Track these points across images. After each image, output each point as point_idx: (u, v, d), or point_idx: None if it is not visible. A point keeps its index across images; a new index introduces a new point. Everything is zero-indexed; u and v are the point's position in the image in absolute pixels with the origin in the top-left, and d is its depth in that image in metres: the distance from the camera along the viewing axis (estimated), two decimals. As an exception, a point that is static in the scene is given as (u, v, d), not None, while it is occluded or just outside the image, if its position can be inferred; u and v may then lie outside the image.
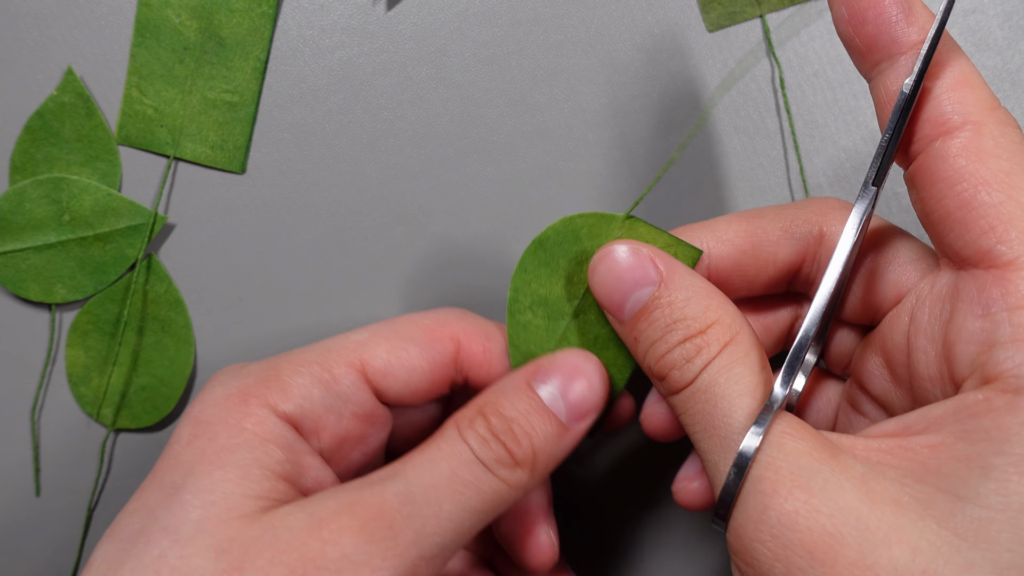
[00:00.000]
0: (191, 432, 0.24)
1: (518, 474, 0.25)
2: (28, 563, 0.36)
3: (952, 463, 0.21)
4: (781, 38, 0.35)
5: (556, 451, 0.26)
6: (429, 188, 0.36)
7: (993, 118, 0.22)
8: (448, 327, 0.28)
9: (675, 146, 0.35)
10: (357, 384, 0.26)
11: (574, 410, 0.26)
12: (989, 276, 0.22)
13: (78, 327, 0.36)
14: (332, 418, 0.26)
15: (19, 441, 0.36)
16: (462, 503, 0.23)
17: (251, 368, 0.26)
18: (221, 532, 0.22)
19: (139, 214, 0.35)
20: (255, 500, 0.23)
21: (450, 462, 0.24)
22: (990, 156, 0.22)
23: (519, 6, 0.36)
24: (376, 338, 0.27)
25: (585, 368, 0.26)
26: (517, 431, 0.25)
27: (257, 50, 0.35)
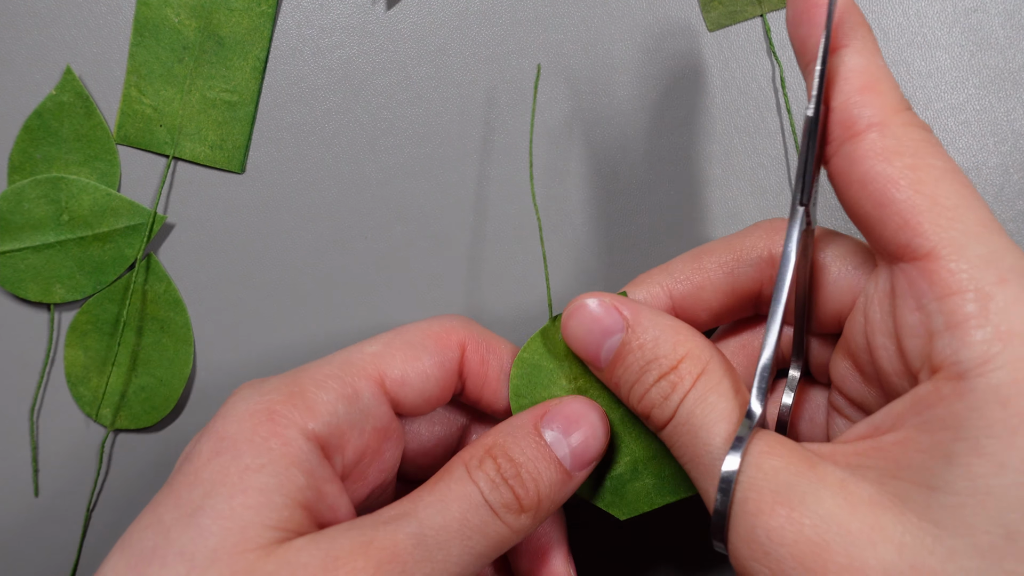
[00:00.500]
0: (213, 448, 0.24)
1: (522, 519, 0.25)
2: (27, 563, 0.36)
3: (919, 456, 0.21)
4: (781, 37, 0.35)
5: (558, 497, 0.26)
6: (429, 188, 0.36)
7: (897, 120, 0.23)
8: (455, 334, 0.28)
9: (675, 146, 0.35)
10: (377, 396, 0.26)
11: (578, 458, 0.26)
12: (914, 269, 0.22)
13: (77, 327, 0.36)
14: (355, 434, 0.26)
15: (18, 441, 0.36)
16: (469, 547, 0.24)
17: (273, 383, 0.26)
18: (236, 563, 0.22)
19: (138, 214, 0.35)
20: (272, 531, 0.22)
21: (460, 505, 0.24)
22: (895, 155, 0.23)
23: (519, 6, 0.35)
24: (390, 349, 0.27)
25: (590, 416, 0.27)
26: (525, 476, 0.25)
27: (256, 49, 0.35)
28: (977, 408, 0.20)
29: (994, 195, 0.35)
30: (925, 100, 0.35)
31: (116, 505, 0.36)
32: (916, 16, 0.35)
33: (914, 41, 0.35)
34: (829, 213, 0.35)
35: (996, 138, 0.35)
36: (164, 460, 0.36)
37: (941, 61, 0.35)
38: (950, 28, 0.35)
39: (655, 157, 0.35)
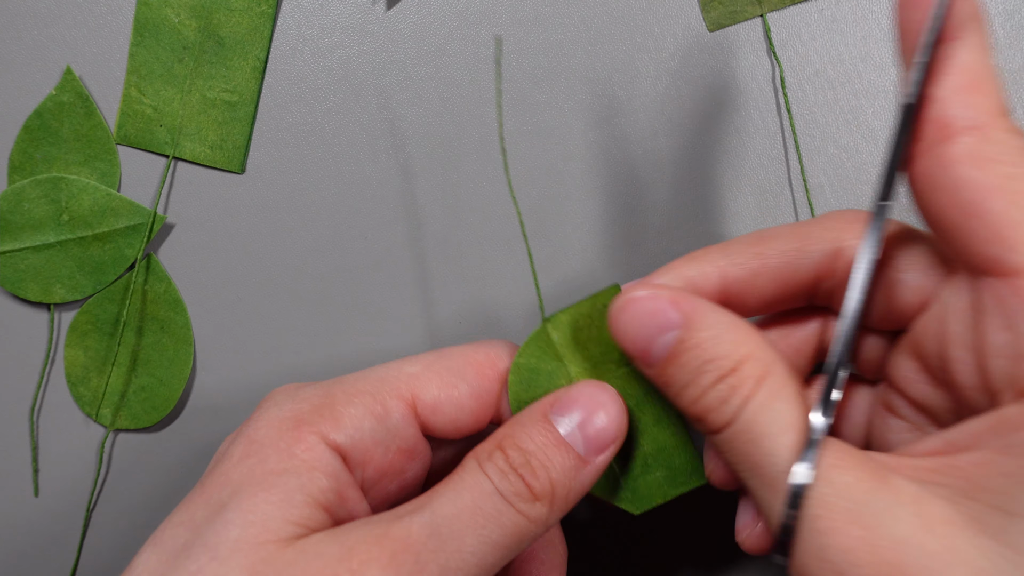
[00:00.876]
0: (243, 451, 0.24)
1: (537, 508, 0.25)
2: (27, 563, 0.36)
3: (999, 479, 0.20)
4: (781, 37, 0.35)
5: (575, 484, 0.26)
6: (429, 188, 0.36)
7: (999, 125, 0.22)
8: (498, 364, 0.28)
9: (675, 146, 0.35)
10: (406, 418, 0.26)
11: (592, 442, 0.26)
12: (1005, 286, 0.21)
13: (77, 327, 0.36)
14: (380, 451, 0.26)
15: (18, 441, 0.36)
16: (484, 537, 0.24)
17: (306, 392, 0.26)
18: (256, 554, 0.22)
19: (138, 214, 0.35)
20: (292, 526, 0.23)
21: (472, 494, 0.24)
22: (993, 162, 0.21)
23: (519, 6, 0.35)
24: (428, 372, 0.27)
25: (602, 399, 0.26)
26: (535, 464, 0.25)
27: (256, 49, 0.35)
28: None
29: (993, 195, 0.35)
30: (925, 100, 0.35)
31: (116, 505, 0.36)
32: (916, 16, 0.35)
33: (914, 41, 0.35)
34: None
35: (995, 138, 0.35)
36: (164, 460, 0.36)
37: (941, 61, 0.35)
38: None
39: (655, 157, 0.35)
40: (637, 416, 0.28)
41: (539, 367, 0.28)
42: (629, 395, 0.28)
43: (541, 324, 0.28)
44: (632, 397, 0.28)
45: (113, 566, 0.36)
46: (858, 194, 0.35)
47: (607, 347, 0.28)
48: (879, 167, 0.35)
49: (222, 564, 0.22)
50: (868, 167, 0.35)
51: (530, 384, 0.28)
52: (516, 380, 0.28)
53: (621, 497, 0.28)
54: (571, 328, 0.28)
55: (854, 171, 0.35)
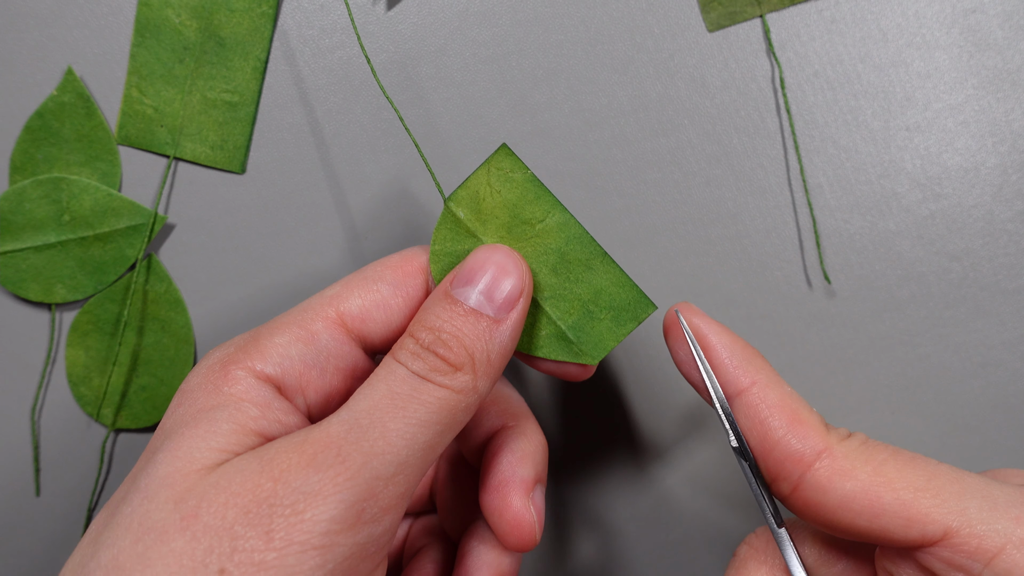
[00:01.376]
0: (176, 402, 0.25)
1: (460, 377, 0.25)
2: (28, 563, 0.36)
3: None
4: (781, 38, 0.35)
5: (493, 345, 0.26)
6: (430, 188, 0.36)
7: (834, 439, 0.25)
8: (415, 260, 0.28)
9: (675, 146, 0.35)
10: (337, 337, 0.27)
11: (494, 300, 0.26)
12: (943, 550, 0.24)
13: (78, 327, 0.36)
14: (315, 374, 0.26)
15: (19, 441, 0.36)
16: (408, 418, 0.24)
17: (235, 339, 0.27)
18: (180, 484, 0.23)
19: (139, 214, 0.35)
20: (217, 452, 0.23)
21: (386, 383, 0.24)
22: (855, 470, 0.25)
23: (519, 6, 0.35)
24: (348, 288, 0.27)
25: (493, 258, 0.27)
26: (446, 337, 0.25)
27: (257, 50, 0.35)
28: None
29: (992, 195, 0.35)
30: (924, 101, 0.35)
31: (117, 504, 0.36)
32: (915, 17, 0.35)
33: (913, 42, 0.35)
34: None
35: (995, 138, 0.35)
36: (165, 460, 0.36)
37: (940, 62, 0.35)
38: (949, 29, 0.35)
39: (655, 157, 0.35)
40: (565, 267, 0.28)
41: (455, 248, 0.28)
42: (551, 249, 0.28)
43: (445, 206, 0.28)
44: (554, 251, 0.28)
45: (114, 565, 0.36)
46: (858, 194, 0.35)
47: (514, 208, 0.28)
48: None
49: (151, 501, 0.22)
50: (867, 167, 0.35)
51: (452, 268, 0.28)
52: (438, 269, 0.28)
53: (575, 352, 0.28)
54: (473, 200, 0.28)
55: (853, 171, 0.35)
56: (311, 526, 0.22)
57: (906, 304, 0.35)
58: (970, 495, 0.24)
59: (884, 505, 0.24)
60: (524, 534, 0.28)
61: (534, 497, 0.28)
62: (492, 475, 0.28)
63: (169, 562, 0.21)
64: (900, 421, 0.35)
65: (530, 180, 0.28)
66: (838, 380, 0.36)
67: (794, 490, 0.25)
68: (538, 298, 0.28)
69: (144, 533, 0.22)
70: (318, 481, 0.22)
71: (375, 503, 0.23)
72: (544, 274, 0.28)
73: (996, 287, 0.35)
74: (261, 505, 0.22)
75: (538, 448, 0.29)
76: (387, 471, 0.23)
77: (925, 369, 0.35)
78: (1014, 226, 0.35)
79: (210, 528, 0.22)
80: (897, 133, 0.35)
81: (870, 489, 0.24)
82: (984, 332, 0.35)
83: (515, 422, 0.29)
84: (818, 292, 0.35)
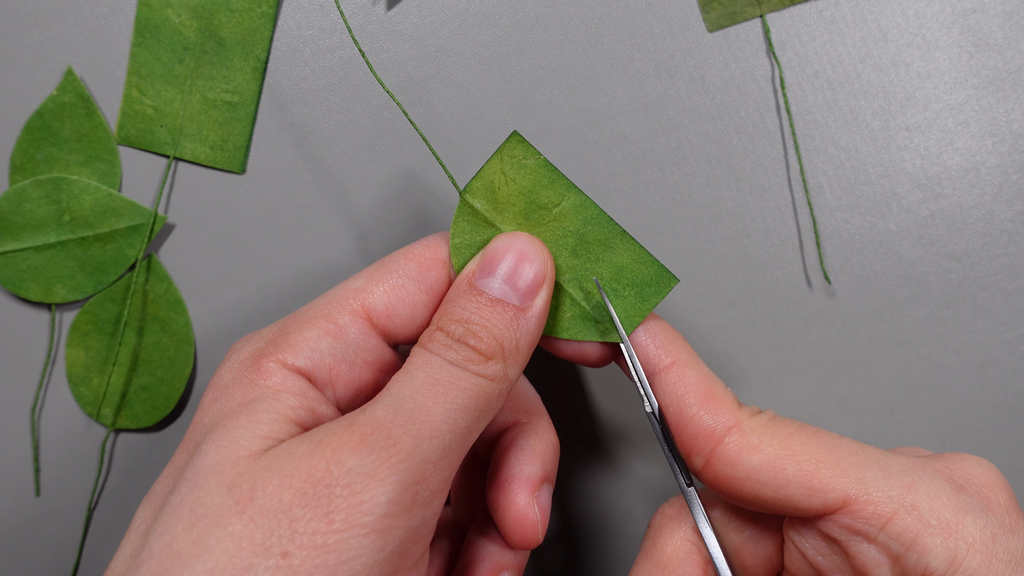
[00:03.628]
0: (211, 397, 0.26)
1: (492, 366, 0.25)
2: (28, 563, 0.36)
3: None
4: (781, 38, 0.35)
5: (521, 333, 0.26)
6: (429, 188, 0.36)
7: (744, 416, 0.27)
8: (437, 251, 0.28)
9: (675, 146, 0.35)
10: (364, 331, 0.27)
11: (518, 288, 0.26)
12: (844, 516, 0.25)
13: (78, 327, 0.36)
14: (345, 368, 0.27)
15: (19, 441, 0.36)
16: (448, 402, 0.24)
17: (263, 332, 0.27)
18: (232, 470, 0.23)
19: (139, 214, 0.35)
20: (263, 440, 0.23)
21: (425, 371, 0.25)
22: (762, 444, 0.26)
23: (519, 6, 0.35)
24: (373, 281, 0.27)
25: (514, 246, 0.27)
26: (475, 328, 0.26)
27: (257, 50, 0.35)
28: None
29: (993, 195, 0.35)
30: (924, 101, 0.35)
31: (117, 504, 0.36)
32: (915, 17, 0.35)
33: (913, 42, 0.35)
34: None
35: (995, 139, 0.35)
36: (165, 460, 0.36)
37: (940, 62, 0.35)
38: (949, 29, 0.35)
39: (655, 157, 0.35)
40: (585, 248, 0.28)
41: (475, 240, 0.28)
42: (569, 231, 0.28)
43: (461, 199, 0.28)
44: (573, 233, 0.28)
45: (114, 565, 0.36)
46: (857, 194, 0.35)
47: (530, 195, 0.28)
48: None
49: (201, 488, 0.22)
50: (867, 167, 0.35)
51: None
52: (459, 262, 0.28)
53: (601, 331, 0.28)
54: (488, 190, 0.28)
55: (853, 171, 0.35)
56: (371, 507, 0.22)
57: (906, 304, 0.35)
58: (867, 465, 0.26)
59: (788, 476, 0.26)
60: (527, 532, 0.28)
61: (540, 496, 0.28)
62: (499, 471, 0.29)
63: (228, 545, 0.21)
64: (900, 421, 0.35)
65: (543, 165, 0.28)
66: (838, 380, 0.36)
67: (706, 464, 0.27)
68: (560, 281, 0.28)
69: (198, 519, 0.22)
70: (372, 462, 0.22)
71: (426, 486, 0.23)
72: (564, 257, 0.28)
73: (996, 287, 0.35)
74: (317, 486, 0.22)
75: (548, 447, 0.29)
76: (435, 454, 0.23)
77: (925, 369, 0.35)
78: (1014, 226, 0.35)
79: (267, 510, 0.22)
80: (897, 133, 0.35)
81: (775, 462, 0.26)
82: (984, 332, 0.35)
83: (528, 419, 0.30)
84: (818, 292, 0.35)
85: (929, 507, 0.25)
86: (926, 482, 0.25)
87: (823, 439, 0.26)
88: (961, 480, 0.26)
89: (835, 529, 0.26)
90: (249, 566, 0.21)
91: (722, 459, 0.26)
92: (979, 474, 0.26)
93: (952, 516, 0.25)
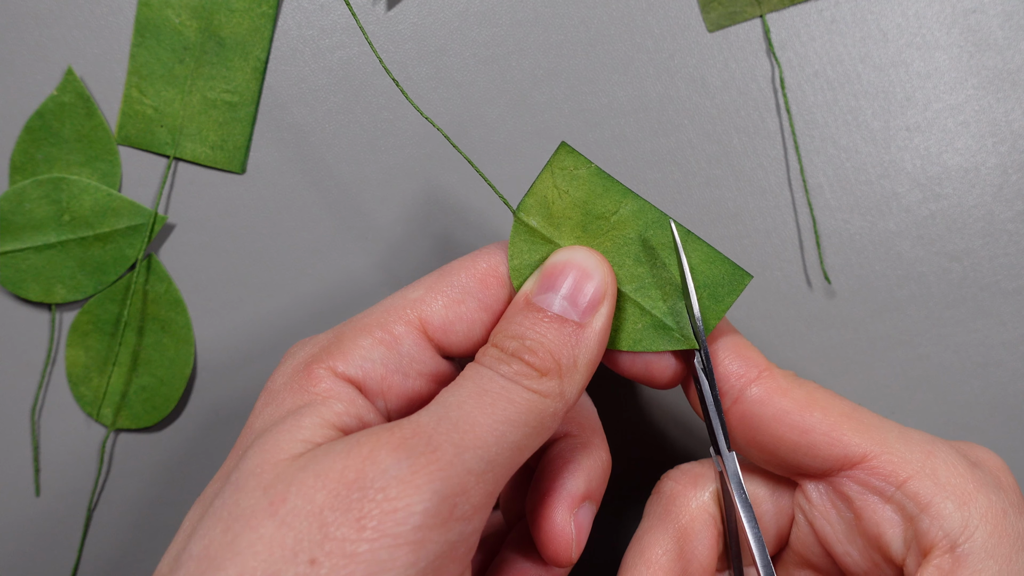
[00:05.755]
0: (263, 402, 0.25)
1: (547, 382, 0.24)
2: (28, 563, 0.36)
3: None
4: (781, 38, 0.35)
5: (580, 350, 0.25)
6: (429, 188, 0.36)
7: (773, 368, 0.27)
8: (500, 271, 0.27)
9: (675, 146, 0.35)
10: (419, 343, 0.26)
11: (577, 304, 0.26)
12: (861, 472, 0.26)
13: (78, 327, 0.36)
14: (398, 378, 0.26)
15: (19, 441, 0.36)
16: (497, 415, 0.23)
17: (318, 338, 0.27)
18: (270, 472, 0.22)
19: (139, 214, 0.35)
20: (303, 444, 0.23)
21: (474, 381, 0.24)
22: (791, 390, 0.27)
23: (519, 6, 0.35)
24: (432, 294, 0.27)
25: (573, 259, 0.26)
26: (531, 344, 0.25)
27: (257, 50, 0.35)
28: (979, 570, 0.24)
29: (993, 195, 0.35)
30: (924, 101, 0.35)
31: (117, 505, 0.36)
32: (915, 17, 0.35)
33: (913, 42, 0.35)
34: (828, 213, 0.35)
35: (995, 139, 0.35)
36: (165, 460, 0.36)
37: (940, 62, 0.35)
38: (949, 29, 0.35)
39: (655, 157, 0.35)
40: (649, 254, 0.27)
41: (533, 259, 0.27)
42: (631, 239, 0.27)
43: (514, 217, 0.27)
44: (635, 240, 0.27)
45: (114, 566, 0.36)
46: (857, 194, 0.35)
47: (585, 205, 0.27)
48: (874, 173, 0.35)
49: (241, 491, 0.22)
50: (868, 167, 0.35)
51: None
52: (518, 283, 0.27)
53: (676, 339, 0.27)
54: (542, 206, 0.27)
55: (853, 171, 0.35)
56: (404, 517, 0.21)
57: (906, 304, 0.35)
58: (888, 428, 0.26)
59: (814, 422, 0.26)
60: (560, 549, 0.27)
61: (579, 513, 0.27)
62: (542, 481, 0.28)
63: (258, 549, 0.21)
64: (900, 421, 0.35)
65: (596, 173, 0.27)
66: (838, 380, 0.36)
67: (734, 403, 0.27)
68: (626, 291, 0.27)
69: (233, 521, 0.22)
70: (409, 467, 0.22)
71: (467, 499, 0.22)
72: (629, 265, 0.27)
73: (996, 287, 0.35)
74: (351, 488, 0.21)
75: (597, 464, 0.28)
76: (478, 466, 0.22)
77: (925, 369, 0.35)
78: (1014, 226, 0.35)
79: (299, 512, 0.21)
80: (897, 133, 0.35)
81: (804, 407, 0.26)
82: (984, 332, 0.35)
83: (580, 432, 0.28)
84: (818, 292, 0.35)
85: (946, 474, 0.25)
86: (944, 452, 0.26)
87: (846, 401, 0.27)
88: (975, 459, 0.26)
89: (851, 486, 0.26)
90: (276, 572, 0.21)
91: (752, 399, 0.27)
92: (989, 459, 0.27)
93: (968, 486, 0.25)
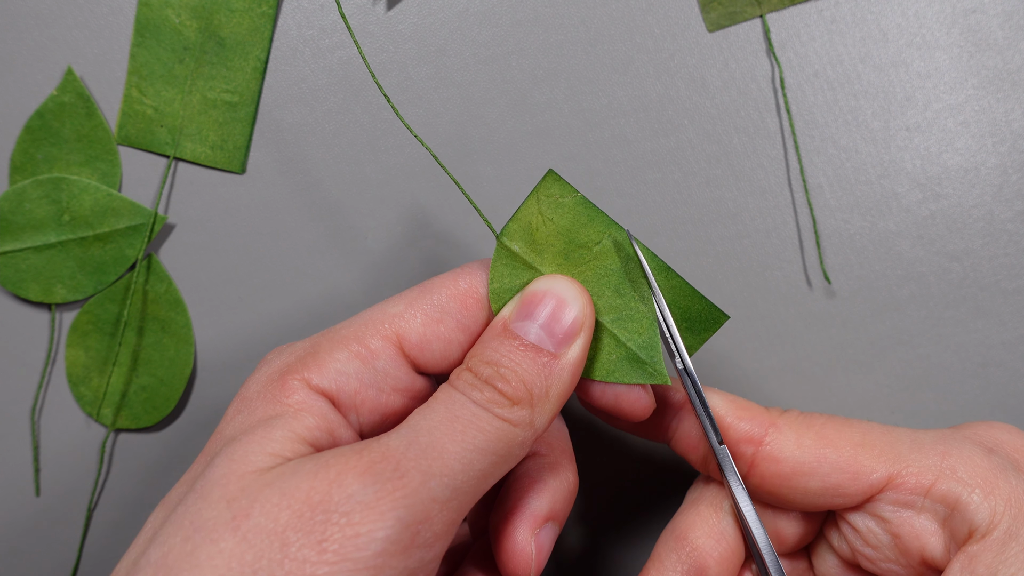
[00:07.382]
0: (235, 409, 0.25)
1: (517, 411, 0.24)
2: (28, 563, 0.37)
3: None
4: (781, 38, 0.35)
5: (552, 381, 0.25)
6: (429, 188, 0.36)
7: (776, 415, 0.28)
8: (479, 290, 0.27)
9: (675, 146, 0.35)
10: (395, 359, 0.26)
11: (554, 335, 0.26)
12: (892, 493, 0.27)
13: (78, 327, 0.36)
14: (372, 393, 0.26)
15: (19, 441, 0.36)
16: (466, 442, 0.23)
17: (295, 346, 0.27)
18: (235, 484, 0.22)
19: (139, 214, 0.35)
20: (271, 457, 0.23)
21: (446, 406, 0.24)
22: (801, 437, 0.27)
23: (519, 6, 0.35)
24: (411, 310, 0.27)
25: (553, 289, 0.26)
26: (504, 372, 0.25)
27: (257, 50, 0.35)
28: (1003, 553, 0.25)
29: (993, 195, 0.35)
30: (924, 101, 0.35)
31: (117, 505, 0.36)
32: (915, 17, 0.35)
33: (913, 42, 0.35)
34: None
35: (995, 139, 0.35)
36: (165, 460, 0.36)
37: (940, 62, 0.35)
38: (949, 29, 0.35)
39: (655, 157, 0.35)
40: (629, 286, 0.27)
41: (514, 284, 0.27)
42: (611, 270, 0.27)
43: (498, 243, 0.27)
44: (615, 271, 0.27)
45: (114, 565, 0.36)
46: (857, 194, 0.35)
47: (569, 234, 0.27)
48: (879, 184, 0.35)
49: (204, 500, 0.22)
50: (868, 167, 0.35)
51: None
52: (497, 307, 0.27)
53: (649, 373, 0.27)
54: (526, 232, 0.27)
55: (853, 171, 0.35)
56: (366, 543, 0.21)
57: (906, 304, 0.35)
58: (900, 442, 0.27)
59: (832, 463, 0.27)
60: (519, 569, 0.27)
61: (541, 533, 0.27)
62: (507, 499, 0.27)
63: (216, 563, 0.21)
64: (900, 421, 0.35)
65: (581, 203, 0.27)
66: (838, 380, 0.36)
67: (751, 467, 0.28)
68: (604, 321, 0.27)
69: (194, 532, 0.22)
70: (375, 493, 0.22)
71: (429, 527, 0.22)
72: (608, 296, 0.27)
73: (996, 287, 0.35)
74: (316, 510, 0.21)
75: (562, 484, 0.28)
76: (443, 494, 0.23)
77: (925, 369, 0.35)
78: (1014, 226, 0.35)
79: (261, 530, 0.21)
80: (897, 133, 0.35)
81: (817, 451, 0.27)
82: (984, 332, 0.35)
83: (549, 452, 0.28)
84: (818, 292, 0.35)
85: (965, 469, 0.26)
86: (958, 447, 0.27)
87: (854, 426, 0.28)
88: (991, 444, 0.27)
89: (884, 508, 0.27)
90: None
91: (766, 458, 0.27)
92: (1008, 440, 0.27)
93: (987, 475, 0.26)
